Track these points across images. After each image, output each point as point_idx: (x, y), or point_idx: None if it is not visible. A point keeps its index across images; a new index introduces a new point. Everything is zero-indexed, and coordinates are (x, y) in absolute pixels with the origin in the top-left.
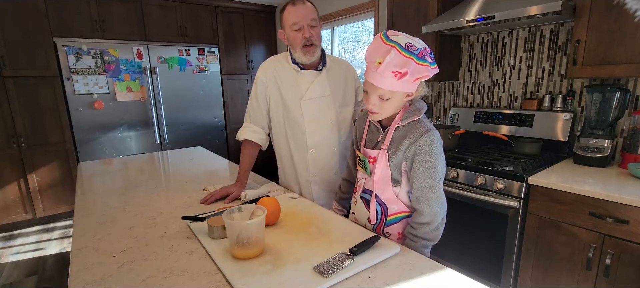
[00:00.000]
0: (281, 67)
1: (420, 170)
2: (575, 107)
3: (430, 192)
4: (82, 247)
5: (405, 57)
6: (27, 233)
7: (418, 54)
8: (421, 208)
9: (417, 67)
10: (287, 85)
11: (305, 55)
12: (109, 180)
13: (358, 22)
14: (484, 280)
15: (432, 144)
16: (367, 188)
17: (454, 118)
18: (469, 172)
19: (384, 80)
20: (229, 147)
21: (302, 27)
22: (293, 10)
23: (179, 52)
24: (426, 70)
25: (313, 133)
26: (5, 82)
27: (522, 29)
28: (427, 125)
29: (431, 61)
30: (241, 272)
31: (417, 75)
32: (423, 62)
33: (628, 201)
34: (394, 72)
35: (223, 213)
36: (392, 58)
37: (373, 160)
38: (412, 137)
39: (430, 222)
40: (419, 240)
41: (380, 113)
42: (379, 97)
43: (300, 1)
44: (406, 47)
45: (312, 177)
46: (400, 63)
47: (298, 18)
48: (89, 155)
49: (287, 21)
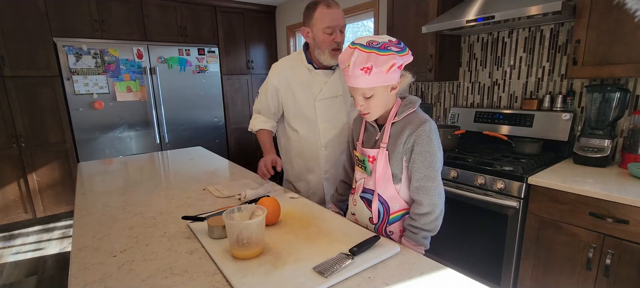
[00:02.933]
0: (294, 68)
1: (419, 160)
2: (575, 107)
3: (429, 181)
4: (82, 247)
5: (367, 53)
6: (27, 233)
7: (380, 47)
8: (420, 198)
9: (381, 58)
10: (300, 86)
11: (333, 58)
12: (109, 180)
13: (358, 22)
14: (484, 280)
15: (430, 134)
16: (367, 188)
17: (454, 118)
18: (469, 172)
19: (356, 80)
20: (229, 147)
21: (335, 32)
22: (328, 13)
23: (179, 52)
24: (393, 58)
25: (326, 132)
26: (5, 82)
27: (522, 29)
28: (423, 116)
29: (398, 50)
30: (241, 272)
31: (386, 65)
32: (387, 52)
33: (628, 201)
34: (363, 69)
35: (223, 213)
36: (356, 57)
37: (372, 159)
38: (410, 128)
39: (429, 212)
40: (419, 231)
41: (370, 112)
42: (362, 96)
43: (335, 4)
44: (367, 44)
45: (324, 174)
46: (363, 59)
47: (333, 22)
48: (89, 155)
49: (319, 22)
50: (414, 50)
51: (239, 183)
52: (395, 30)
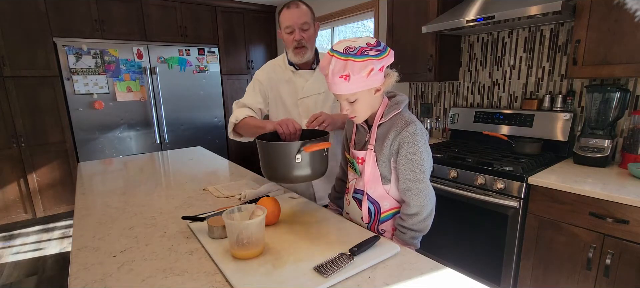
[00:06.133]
0: (278, 69)
1: (404, 162)
2: (575, 107)
3: (416, 183)
4: (82, 247)
5: (343, 60)
6: (27, 233)
7: (356, 52)
8: (408, 199)
9: (357, 65)
10: (284, 85)
11: (296, 55)
12: (109, 180)
13: (358, 22)
14: (484, 280)
15: (415, 136)
16: (358, 188)
17: (453, 118)
18: (469, 172)
19: (337, 86)
20: (229, 147)
21: (294, 31)
22: (287, 14)
23: (179, 52)
24: (371, 63)
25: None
26: (5, 82)
27: (522, 29)
28: (408, 117)
29: (376, 53)
30: (241, 272)
31: (364, 70)
32: (363, 58)
33: (628, 201)
34: (341, 77)
35: (223, 213)
36: (333, 66)
37: (361, 161)
38: (395, 130)
39: (417, 213)
40: (407, 231)
41: (357, 115)
42: (346, 101)
43: (295, 4)
44: (344, 51)
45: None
46: (341, 67)
47: (290, 21)
48: (89, 155)
49: (282, 23)
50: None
51: (239, 184)
52: (395, 30)
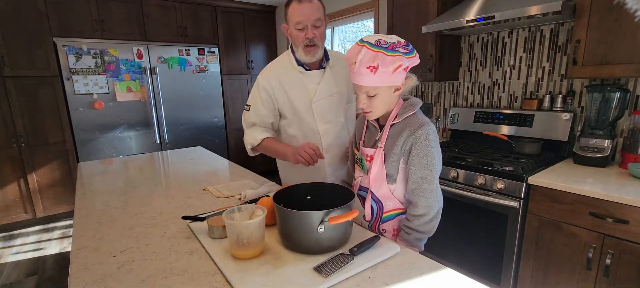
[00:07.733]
0: (285, 71)
1: (416, 162)
2: (575, 107)
3: (426, 184)
4: (82, 247)
5: (374, 52)
6: (27, 233)
7: (388, 47)
8: (416, 200)
9: (388, 58)
10: (294, 88)
11: (307, 54)
12: (109, 180)
13: (358, 22)
14: (484, 280)
15: (428, 137)
16: (363, 185)
17: (453, 118)
18: (469, 172)
19: (362, 77)
20: (229, 147)
21: (306, 27)
22: (298, 8)
23: (179, 52)
24: (400, 59)
25: (326, 134)
26: (5, 82)
27: (522, 29)
28: (423, 118)
29: (406, 52)
30: (241, 272)
31: (392, 65)
32: (394, 53)
33: (628, 201)
34: (368, 67)
35: (223, 213)
36: (363, 55)
37: (370, 158)
38: (409, 130)
39: (424, 214)
40: (413, 232)
41: (372, 111)
42: (366, 95)
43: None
44: (376, 43)
45: (329, 177)
46: (371, 58)
47: (302, 17)
48: (89, 155)
49: (291, 18)
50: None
51: (239, 184)
52: (395, 30)
